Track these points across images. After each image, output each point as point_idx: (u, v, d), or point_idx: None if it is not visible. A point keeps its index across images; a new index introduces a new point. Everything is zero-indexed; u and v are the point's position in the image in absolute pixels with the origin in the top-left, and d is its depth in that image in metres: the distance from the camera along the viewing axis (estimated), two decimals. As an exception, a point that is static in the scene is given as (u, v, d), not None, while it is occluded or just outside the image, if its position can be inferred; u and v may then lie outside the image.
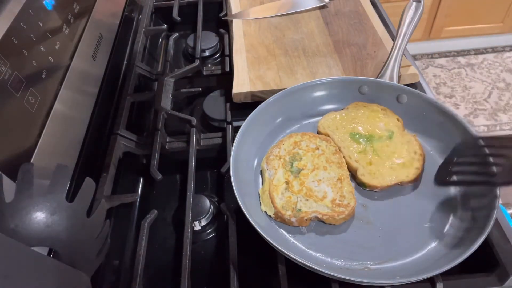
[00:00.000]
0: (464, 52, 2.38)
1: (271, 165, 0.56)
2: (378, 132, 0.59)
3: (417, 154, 0.56)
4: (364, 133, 0.60)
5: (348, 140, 0.59)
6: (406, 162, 0.56)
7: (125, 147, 0.64)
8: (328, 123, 0.62)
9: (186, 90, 0.76)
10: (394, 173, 0.55)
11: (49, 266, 0.36)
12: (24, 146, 0.45)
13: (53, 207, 0.42)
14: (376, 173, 0.55)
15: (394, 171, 0.55)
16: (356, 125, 0.61)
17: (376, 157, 0.57)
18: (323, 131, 0.61)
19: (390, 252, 0.49)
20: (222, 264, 0.53)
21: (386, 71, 0.65)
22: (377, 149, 0.58)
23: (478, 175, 0.50)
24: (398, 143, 0.58)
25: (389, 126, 0.60)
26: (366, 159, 0.57)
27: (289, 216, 0.51)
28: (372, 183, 0.54)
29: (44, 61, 0.51)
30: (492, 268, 0.48)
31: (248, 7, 0.89)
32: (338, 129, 0.61)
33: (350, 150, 0.58)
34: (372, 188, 0.54)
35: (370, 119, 0.61)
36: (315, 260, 0.48)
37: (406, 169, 0.55)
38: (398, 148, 0.57)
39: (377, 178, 0.54)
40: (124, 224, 0.59)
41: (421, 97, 0.60)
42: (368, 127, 0.60)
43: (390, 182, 0.54)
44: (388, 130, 0.60)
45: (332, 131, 0.60)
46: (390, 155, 0.57)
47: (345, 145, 0.59)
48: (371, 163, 0.56)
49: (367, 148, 0.58)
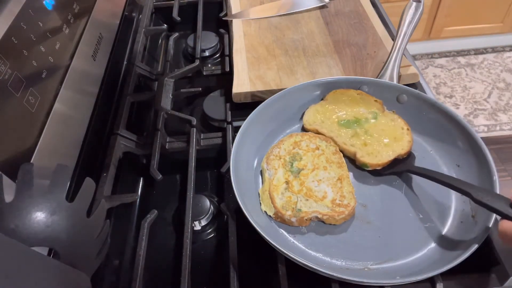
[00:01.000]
0: (464, 52, 2.37)
1: (271, 165, 0.56)
2: (362, 115, 0.62)
3: (404, 129, 0.59)
4: (350, 119, 0.62)
5: (337, 128, 0.61)
6: (397, 136, 0.58)
7: (125, 147, 0.64)
8: (312, 119, 0.63)
9: (186, 90, 0.76)
10: (390, 149, 0.57)
11: (49, 266, 0.36)
12: (24, 146, 0.45)
13: (53, 207, 0.42)
14: (374, 152, 0.57)
15: (390, 147, 0.57)
16: (340, 113, 0.63)
17: (369, 137, 0.59)
18: (310, 127, 0.62)
19: (390, 252, 0.49)
20: (222, 264, 0.53)
21: (386, 71, 0.65)
22: (367, 130, 0.60)
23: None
24: (384, 122, 0.61)
25: (370, 108, 0.62)
26: (360, 141, 0.59)
27: (289, 216, 0.51)
28: (373, 162, 0.56)
29: (44, 61, 0.51)
30: (492, 268, 0.48)
31: (248, 7, 0.89)
32: (324, 122, 0.62)
33: (343, 136, 0.60)
34: (374, 167, 0.56)
35: (351, 106, 0.63)
36: (315, 260, 0.48)
37: (400, 143, 0.58)
38: (386, 126, 0.60)
39: (377, 157, 0.56)
40: (124, 224, 0.59)
41: (421, 97, 0.60)
42: (351, 112, 0.62)
43: (389, 157, 0.56)
44: (371, 111, 0.62)
45: (319, 125, 0.62)
46: (381, 133, 0.59)
47: (336, 134, 0.60)
48: (366, 144, 0.58)
49: (358, 131, 0.60)
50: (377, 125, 0.60)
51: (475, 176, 0.52)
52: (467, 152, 0.55)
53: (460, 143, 0.56)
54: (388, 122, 0.60)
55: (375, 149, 0.57)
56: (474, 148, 0.54)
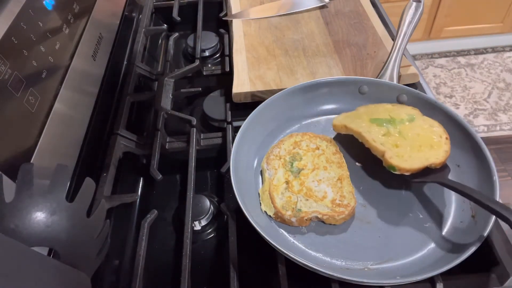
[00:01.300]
0: (464, 52, 2.37)
1: (271, 165, 0.56)
2: (398, 115, 0.56)
3: (443, 138, 0.53)
4: (384, 117, 0.56)
5: (368, 124, 0.56)
6: (433, 144, 0.53)
7: (125, 147, 0.64)
8: (343, 118, 0.60)
9: (186, 90, 0.76)
10: (424, 155, 0.51)
11: (49, 266, 0.36)
12: (24, 146, 0.45)
13: (53, 207, 0.42)
14: (405, 155, 0.52)
15: (424, 154, 0.52)
16: (374, 114, 0.58)
17: (402, 139, 0.53)
18: (338, 123, 0.59)
19: (390, 252, 0.49)
20: (222, 264, 0.53)
21: (386, 71, 0.65)
22: (401, 131, 0.54)
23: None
24: (421, 126, 0.55)
25: (408, 112, 0.57)
26: (392, 141, 0.53)
27: (289, 216, 0.51)
28: (402, 165, 0.51)
29: (44, 61, 0.51)
30: (492, 268, 0.48)
31: (248, 7, 0.89)
32: (355, 120, 0.57)
33: (373, 133, 0.54)
34: (402, 172, 0.51)
35: (387, 110, 0.58)
36: (315, 260, 0.48)
37: (435, 151, 0.52)
38: (422, 130, 0.54)
39: (407, 161, 0.51)
40: (124, 224, 0.59)
41: (421, 97, 0.60)
42: (386, 113, 0.57)
43: (421, 164, 0.50)
44: (408, 114, 0.56)
45: (350, 122, 0.57)
46: (416, 137, 0.53)
47: (366, 130, 0.55)
48: (398, 146, 0.53)
49: (391, 130, 0.55)
50: (413, 128, 0.54)
51: (475, 176, 0.52)
52: (467, 152, 0.55)
53: (460, 143, 0.56)
54: (426, 127, 0.55)
55: (406, 153, 0.52)
56: (474, 148, 0.54)
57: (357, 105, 0.64)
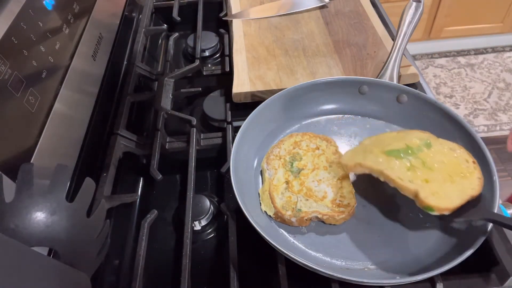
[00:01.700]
0: (464, 52, 2.38)
1: (271, 165, 0.56)
2: (412, 142, 0.48)
3: (470, 162, 0.47)
4: (399, 148, 0.48)
5: (386, 159, 0.47)
6: (463, 171, 0.46)
7: (125, 147, 0.64)
8: (351, 154, 0.52)
9: (186, 90, 0.76)
10: (459, 188, 0.45)
11: (49, 266, 0.36)
12: (24, 146, 0.45)
13: (53, 207, 0.42)
14: (440, 191, 0.44)
15: (458, 185, 0.45)
16: (385, 145, 0.49)
17: (429, 171, 0.46)
18: (350, 163, 0.50)
19: (390, 252, 0.49)
20: (222, 264, 0.53)
21: (386, 71, 0.65)
22: (425, 161, 0.47)
23: None
24: (441, 152, 0.48)
25: (420, 136, 0.50)
26: (420, 176, 0.45)
27: (289, 216, 0.51)
28: (442, 205, 0.43)
29: (44, 61, 0.51)
30: (492, 268, 0.48)
31: (248, 7, 0.89)
32: (367, 155, 0.49)
33: (396, 169, 0.46)
34: (442, 212, 0.44)
35: (396, 137, 0.51)
36: (315, 260, 0.48)
37: (468, 180, 0.45)
38: (445, 156, 0.47)
39: (445, 199, 0.44)
40: (124, 224, 0.59)
41: (421, 97, 0.60)
42: (398, 142, 0.49)
43: (461, 199, 0.44)
44: (421, 139, 0.49)
45: (363, 159, 0.49)
46: (443, 166, 0.46)
47: (387, 166, 0.46)
48: (428, 180, 0.45)
49: (413, 162, 0.46)
50: (435, 156, 0.47)
51: None
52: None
53: (460, 143, 0.56)
54: (447, 151, 0.48)
55: (441, 188, 0.44)
56: (474, 148, 0.53)
57: (357, 105, 0.65)
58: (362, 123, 0.64)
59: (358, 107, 0.65)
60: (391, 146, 0.48)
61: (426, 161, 0.46)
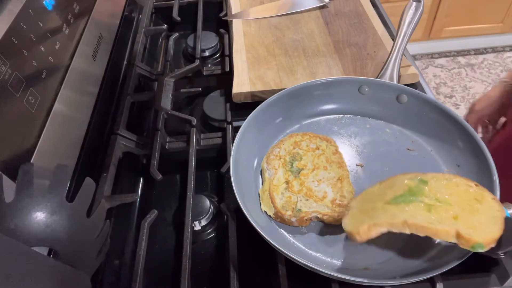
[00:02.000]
0: (464, 52, 2.37)
1: (271, 165, 0.56)
2: (411, 184, 0.45)
3: (473, 186, 0.45)
4: (401, 193, 0.44)
5: (398, 209, 0.43)
6: (477, 197, 0.43)
7: (125, 147, 0.64)
8: (354, 221, 0.46)
9: (186, 90, 0.76)
10: (487, 214, 0.42)
11: (49, 266, 0.36)
12: (24, 146, 0.45)
13: (53, 207, 0.42)
14: (476, 224, 0.41)
15: (484, 213, 0.42)
16: (383, 196, 0.46)
17: (449, 206, 0.42)
18: (362, 228, 0.43)
19: (390, 252, 0.49)
20: (222, 264, 0.53)
21: (386, 71, 0.65)
22: (436, 196, 0.43)
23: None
24: (441, 184, 0.45)
25: (409, 177, 0.47)
26: (446, 215, 0.42)
27: (289, 216, 0.51)
28: (487, 237, 0.39)
29: (44, 61, 0.51)
30: (492, 268, 0.48)
31: (248, 7, 0.89)
32: (373, 213, 0.44)
33: (417, 215, 0.42)
34: (490, 245, 0.40)
35: (385, 188, 0.47)
36: (315, 260, 0.48)
37: (487, 205, 0.43)
38: (450, 188, 0.44)
39: (485, 230, 0.40)
40: (124, 224, 0.59)
41: (421, 97, 0.60)
42: (394, 190, 0.45)
43: (498, 225, 0.40)
44: (412, 178, 0.46)
45: (372, 218, 0.43)
46: (455, 198, 0.43)
47: (407, 215, 0.42)
48: (456, 217, 0.41)
49: (428, 201, 0.43)
50: (439, 189, 0.44)
51: (475, 176, 0.52)
52: (467, 152, 0.55)
53: (460, 143, 0.56)
54: (447, 182, 0.45)
55: (474, 220, 0.41)
56: (474, 148, 0.54)
57: (357, 105, 0.65)
58: (362, 123, 0.64)
59: (358, 107, 0.65)
60: (392, 194, 0.44)
61: (438, 197, 0.43)
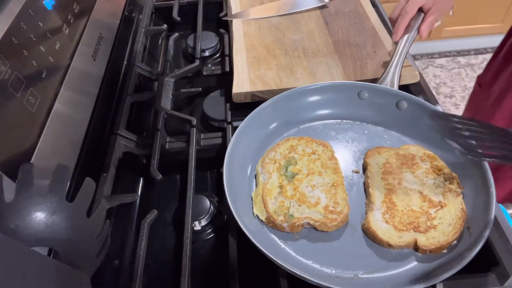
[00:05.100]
0: (464, 52, 2.37)
1: (266, 168, 0.56)
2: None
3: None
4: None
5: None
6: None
7: (125, 147, 0.64)
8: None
9: (186, 90, 0.76)
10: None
11: (49, 266, 0.36)
12: (24, 146, 0.45)
13: (53, 207, 0.42)
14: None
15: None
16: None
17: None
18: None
19: (381, 262, 0.48)
20: (222, 264, 0.53)
21: (387, 76, 0.64)
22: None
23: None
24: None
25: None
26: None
27: (280, 222, 0.50)
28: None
29: (44, 61, 0.51)
30: (492, 268, 0.48)
31: (248, 7, 0.89)
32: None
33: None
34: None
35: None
36: (305, 268, 0.47)
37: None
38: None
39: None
40: (124, 224, 0.59)
41: (421, 104, 0.59)
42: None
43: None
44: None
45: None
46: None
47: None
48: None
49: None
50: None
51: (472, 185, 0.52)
52: (466, 161, 0.53)
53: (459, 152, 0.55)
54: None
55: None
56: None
57: (356, 110, 0.63)
58: (360, 129, 0.63)
59: (356, 112, 0.64)
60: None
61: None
